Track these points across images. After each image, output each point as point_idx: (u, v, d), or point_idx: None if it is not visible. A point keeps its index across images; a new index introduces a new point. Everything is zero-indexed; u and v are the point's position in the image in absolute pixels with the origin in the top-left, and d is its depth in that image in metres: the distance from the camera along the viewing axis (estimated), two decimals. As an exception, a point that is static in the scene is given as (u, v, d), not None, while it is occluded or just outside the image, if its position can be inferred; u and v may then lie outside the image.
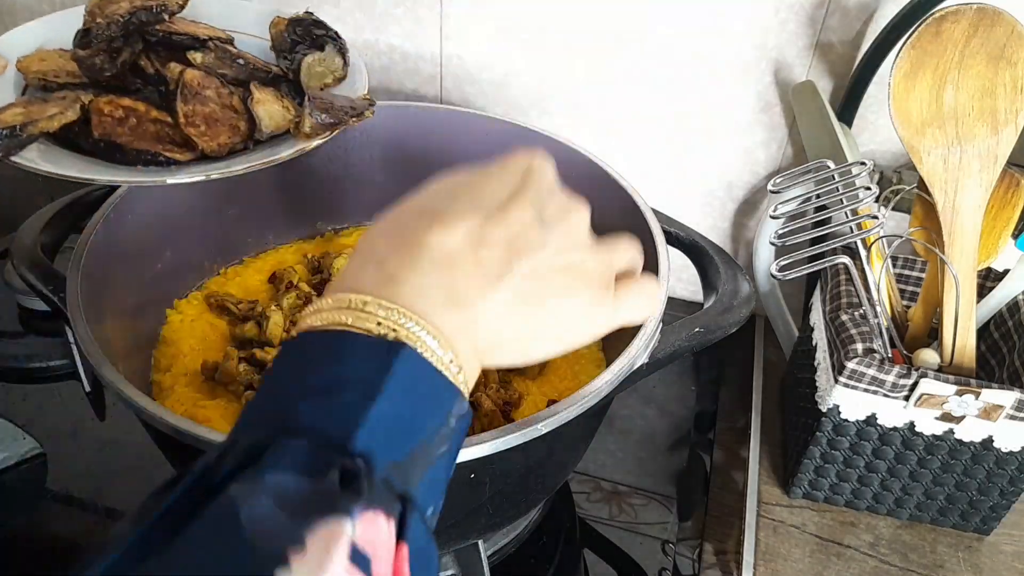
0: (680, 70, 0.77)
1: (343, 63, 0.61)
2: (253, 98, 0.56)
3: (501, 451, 0.44)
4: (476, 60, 0.83)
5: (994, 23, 0.54)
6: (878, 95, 0.71)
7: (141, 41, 0.57)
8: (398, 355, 0.27)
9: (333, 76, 0.61)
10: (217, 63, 0.57)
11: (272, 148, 0.56)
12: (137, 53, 0.57)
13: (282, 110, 0.57)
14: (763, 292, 0.78)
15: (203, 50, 0.57)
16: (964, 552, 0.64)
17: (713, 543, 0.66)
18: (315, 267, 0.73)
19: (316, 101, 0.55)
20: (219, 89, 0.56)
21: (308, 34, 0.61)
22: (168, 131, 0.55)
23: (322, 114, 0.55)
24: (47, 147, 0.53)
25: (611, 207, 0.66)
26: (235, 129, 0.56)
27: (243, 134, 0.56)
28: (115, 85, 0.57)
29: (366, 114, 0.57)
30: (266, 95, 0.57)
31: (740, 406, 0.78)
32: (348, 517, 0.23)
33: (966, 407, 0.57)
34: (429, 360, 0.28)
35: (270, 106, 0.56)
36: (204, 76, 0.56)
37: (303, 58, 0.60)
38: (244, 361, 0.62)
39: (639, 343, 0.50)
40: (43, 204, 0.63)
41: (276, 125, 0.56)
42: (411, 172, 0.78)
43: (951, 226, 0.58)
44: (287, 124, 0.57)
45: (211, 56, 0.57)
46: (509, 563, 0.63)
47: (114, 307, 0.59)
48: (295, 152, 0.54)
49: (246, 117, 0.56)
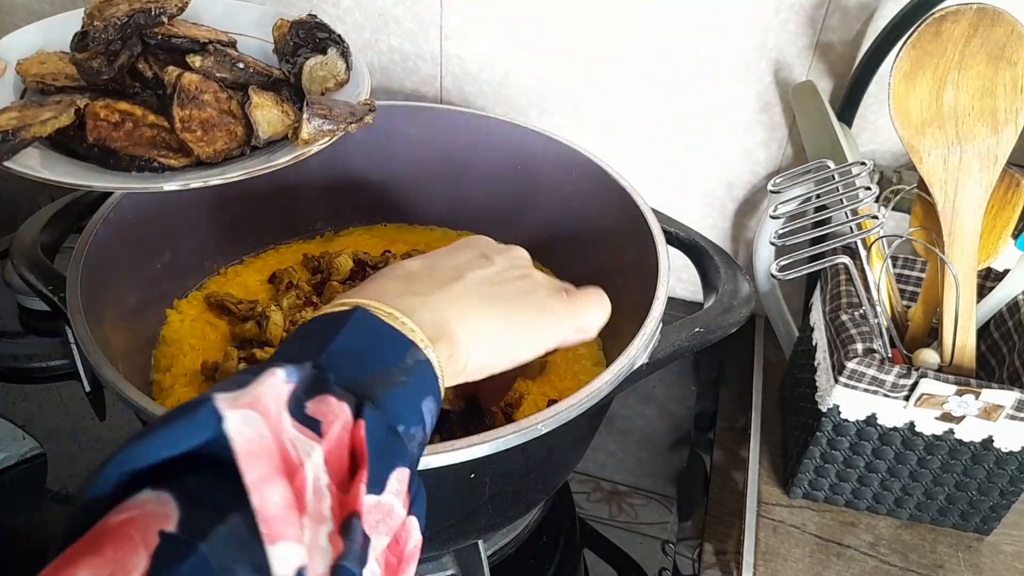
0: (680, 70, 0.77)
1: (346, 67, 0.60)
2: (251, 103, 0.55)
3: (501, 451, 0.44)
4: (476, 60, 0.83)
5: (994, 23, 0.54)
6: (878, 95, 0.71)
7: (140, 44, 0.56)
8: (352, 313, 0.35)
9: (335, 80, 0.60)
10: (216, 67, 0.57)
11: (269, 154, 0.55)
12: (136, 56, 0.56)
13: (281, 115, 0.56)
14: (763, 292, 0.78)
15: (202, 54, 0.56)
16: (964, 552, 0.64)
17: (713, 543, 0.66)
18: (315, 267, 0.73)
19: (314, 107, 0.54)
20: (217, 93, 0.56)
21: (311, 37, 0.60)
22: (164, 136, 0.54)
23: (320, 120, 0.54)
24: (42, 152, 0.53)
25: (611, 207, 0.66)
26: (232, 134, 0.55)
27: (240, 140, 0.55)
28: (113, 89, 0.57)
29: (366, 119, 0.56)
30: (265, 100, 0.56)
31: (740, 406, 0.78)
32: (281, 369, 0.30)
33: (966, 407, 0.57)
34: (380, 318, 0.35)
35: (268, 111, 0.55)
36: (202, 80, 0.55)
37: (305, 62, 0.59)
38: (244, 361, 0.62)
39: (639, 343, 0.50)
40: (43, 204, 0.63)
41: (274, 131, 0.56)
42: (411, 172, 0.79)
43: (951, 226, 0.58)
44: (285, 130, 0.56)
45: (210, 60, 0.56)
46: (509, 563, 0.63)
47: (114, 307, 0.59)
48: (293, 159, 0.53)
49: (244, 122, 0.56)
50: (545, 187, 0.73)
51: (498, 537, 0.64)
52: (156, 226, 0.65)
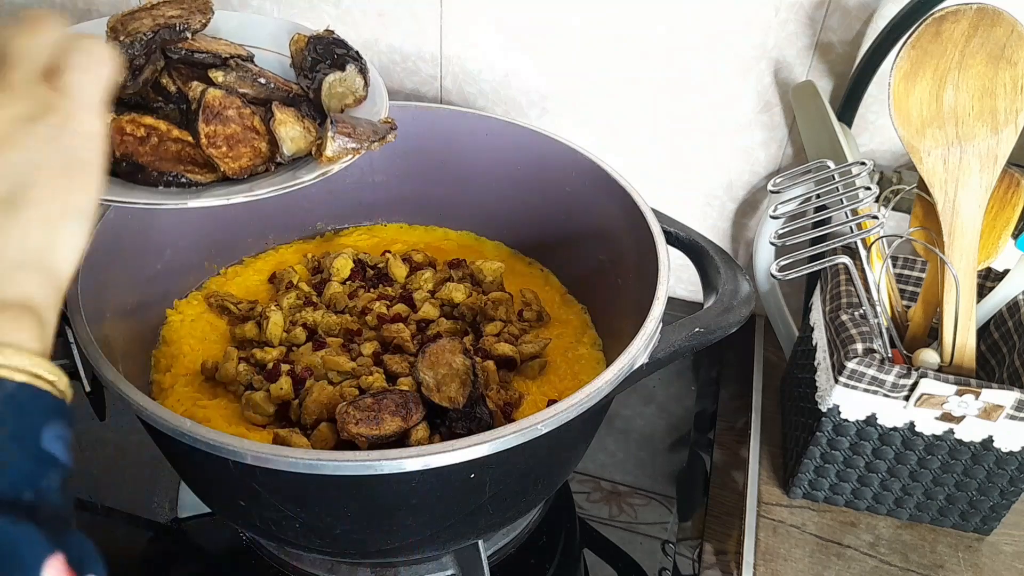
0: (680, 70, 0.77)
1: (364, 83, 0.60)
2: (275, 119, 0.55)
3: (501, 451, 0.44)
4: (476, 60, 0.83)
5: (994, 23, 0.54)
6: (878, 95, 0.71)
7: (163, 59, 0.56)
8: None
9: (354, 97, 0.60)
10: (238, 82, 0.56)
11: (294, 171, 0.55)
12: (159, 71, 0.56)
13: (303, 131, 0.56)
14: (763, 292, 0.78)
15: (224, 69, 0.56)
16: (964, 552, 0.64)
17: (713, 543, 0.66)
18: (315, 267, 0.73)
19: (339, 125, 0.54)
20: (240, 109, 0.55)
21: (329, 53, 0.59)
22: (189, 151, 0.54)
23: (345, 139, 0.54)
24: None
25: (611, 207, 0.66)
26: (256, 151, 0.55)
27: (264, 156, 0.55)
28: (136, 103, 0.56)
29: (388, 138, 0.56)
30: (288, 116, 0.56)
31: (740, 406, 0.78)
32: None
33: (966, 407, 0.57)
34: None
35: (291, 128, 0.55)
36: (225, 96, 0.55)
37: (324, 78, 0.58)
38: (244, 361, 0.62)
39: (639, 343, 0.50)
40: (43, 204, 0.63)
41: (297, 147, 0.56)
42: (411, 172, 0.79)
43: (951, 226, 0.58)
44: (308, 146, 0.56)
45: (232, 75, 0.56)
46: (509, 563, 0.64)
47: (114, 307, 0.59)
48: (318, 176, 0.53)
49: (267, 138, 0.55)
50: (545, 187, 0.73)
51: (498, 537, 0.64)
52: (156, 226, 0.66)
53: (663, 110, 0.79)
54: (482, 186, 0.77)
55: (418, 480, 0.45)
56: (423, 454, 0.42)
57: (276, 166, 0.56)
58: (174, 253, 0.68)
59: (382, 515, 0.49)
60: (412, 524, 0.50)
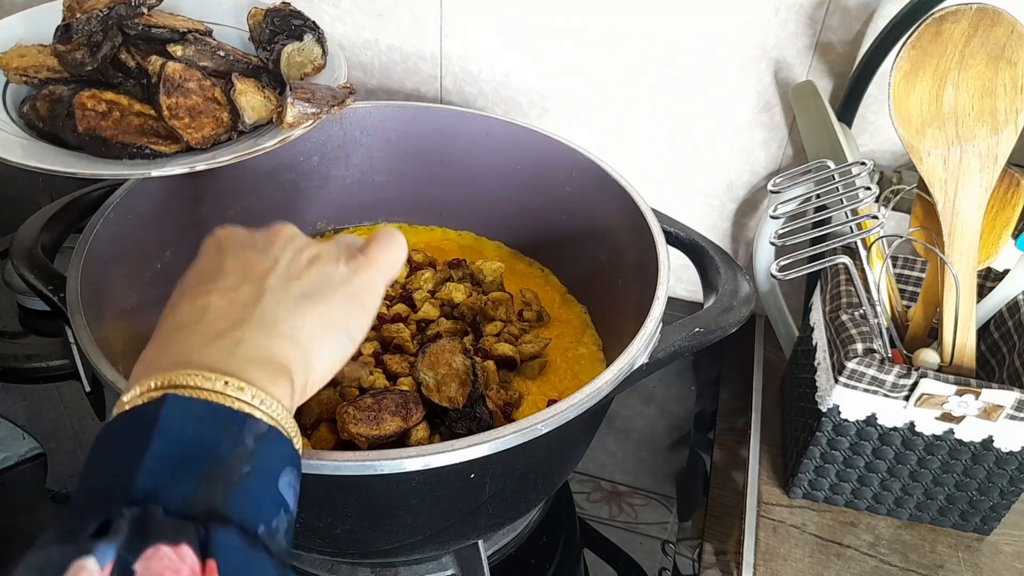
0: (680, 70, 0.77)
1: (322, 52, 0.62)
2: (235, 89, 0.56)
3: (501, 451, 0.44)
4: (476, 60, 0.83)
5: (994, 23, 0.54)
6: (878, 95, 0.71)
7: (121, 35, 0.58)
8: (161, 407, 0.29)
9: (313, 65, 0.61)
10: (197, 55, 0.58)
11: (255, 138, 0.57)
12: (117, 47, 0.58)
13: (264, 100, 0.58)
14: (763, 292, 0.78)
15: (183, 43, 0.58)
16: (964, 552, 0.64)
17: (713, 543, 0.66)
18: (315, 267, 0.73)
19: (297, 91, 0.56)
20: (201, 81, 0.57)
21: (286, 24, 0.61)
22: (152, 124, 0.55)
23: (304, 104, 0.55)
24: (32, 143, 0.53)
25: (611, 207, 0.66)
26: (218, 120, 0.56)
27: (226, 125, 0.57)
28: (96, 80, 0.58)
29: (347, 102, 0.58)
30: (248, 86, 0.57)
31: (740, 406, 0.78)
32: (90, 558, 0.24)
33: (966, 407, 0.57)
34: (198, 399, 0.29)
35: (252, 97, 0.57)
36: (185, 68, 0.56)
37: (282, 48, 0.60)
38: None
39: (639, 343, 0.50)
40: (43, 204, 0.63)
41: (258, 116, 0.57)
42: (411, 172, 0.79)
43: (951, 226, 0.58)
44: (269, 114, 0.57)
45: (191, 49, 0.58)
46: (509, 563, 0.63)
47: (114, 307, 0.59)
48: (278, 142, 0.55)
49: (229, 108, 0.57)
50: (545, 187, 0.73)
51: (498, 537, 0.64)
52: (156, 226, 0.65)
53: (663, 110, 0.79)
54: (482, 186, 0.77)
55: (418, 480, 0.45)
56: (423, 454, 0.42)
57: (239, 135, 0.57)
58: (174, 253, 0.68)
59: (382, 515, 0.49)
60: (412, 524, 0.50)
